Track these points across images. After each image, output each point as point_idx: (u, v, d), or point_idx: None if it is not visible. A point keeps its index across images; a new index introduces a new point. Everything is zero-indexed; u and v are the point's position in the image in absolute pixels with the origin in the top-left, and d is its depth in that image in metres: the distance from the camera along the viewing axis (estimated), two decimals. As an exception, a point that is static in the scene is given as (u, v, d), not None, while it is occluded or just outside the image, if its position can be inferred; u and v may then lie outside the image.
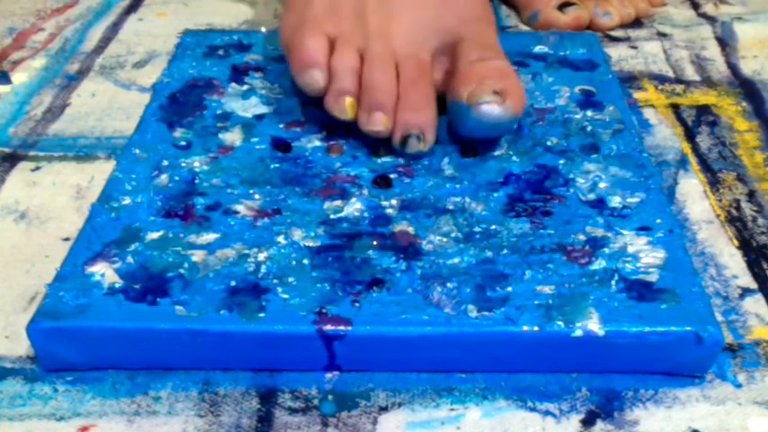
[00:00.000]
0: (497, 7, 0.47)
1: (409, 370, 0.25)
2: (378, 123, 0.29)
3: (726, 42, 0.43)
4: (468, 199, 0.29)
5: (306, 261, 0.26)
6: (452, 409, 0.24)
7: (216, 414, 0.24)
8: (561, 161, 0.31)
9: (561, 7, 0.43)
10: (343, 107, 0.29)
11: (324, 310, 0.24)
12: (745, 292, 0.28)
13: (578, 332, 0.24)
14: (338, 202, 0.29)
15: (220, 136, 0.33)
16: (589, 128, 0.33)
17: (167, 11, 0.46)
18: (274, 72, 0.37)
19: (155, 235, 0.27)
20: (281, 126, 0.33)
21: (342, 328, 0.24)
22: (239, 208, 0.29)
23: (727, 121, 0.37)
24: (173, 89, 0.36)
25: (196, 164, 0.31)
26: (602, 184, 0.30)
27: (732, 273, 0.29)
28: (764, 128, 0.36)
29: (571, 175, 0.30)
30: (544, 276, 0.26)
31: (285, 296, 0.25)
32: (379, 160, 0.31)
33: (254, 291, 0.25)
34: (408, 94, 0.29)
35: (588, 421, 0.24)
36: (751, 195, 0.32)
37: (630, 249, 0.27)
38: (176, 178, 0.30)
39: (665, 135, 0.36)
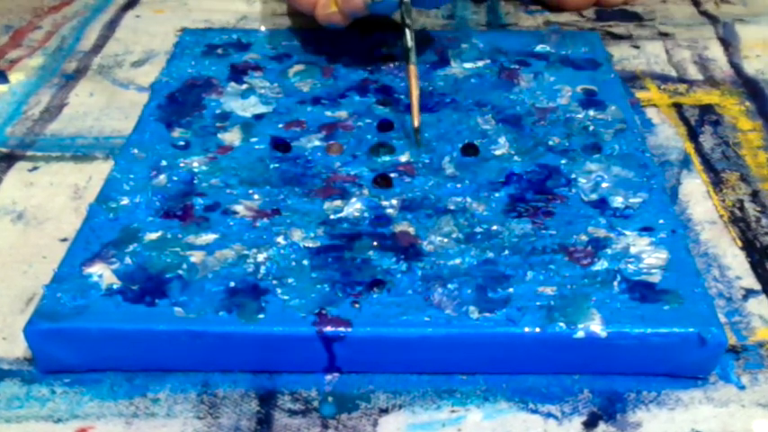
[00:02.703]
0: (497, 5, 0.47)
1: (410, 372, 0.25)
2: None
3: (728, 42, 0.43)
4: (469, 199, 0.29)
5: (305, 262, 0.26)
6: (453, 411, 0.24)
7: (215, 416, 0.24)
8: (563, 161, 0.31)
9: None
10: (328, 3, 0.34)
11: (324, 312, 0.24)
12: (749, 293, 0.28)
13: (580, 333, 0.24)
14: (338, 203, 0.29)
15: (219, 136, 0.32)
16: (591, 127, 0.33)
17: (165, 8, 0.46)
18: (274, 71, 0.37)
19: (153, 236, 0.27)
20: (281, 126, 0.33)
21: (342, 329, 0.24)
22: (238, 208, 0.28)
23: (730, 120, 0.37)
24: (171, 89, 0.35)
25: (195, 164, 0.31)
26: (604, 185, 0.30)
27: (735, 274, 0.28)
28: (768, 127, 0.36)
29: (573, 175, 0.30)
30: (546, 277, 0.25)
31: (285, 297, 0.25)
32: (379, 159, 0.31)
33: (253, 292, 0.25)
34: None
35: (590, 423, 0.24)
36: (754, 195, 0.32)
37: (633, 250, 0.26)
38: (175, 178, 0.30)
39: (667, 135, 0.36)
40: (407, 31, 0.33)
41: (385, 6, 0.33)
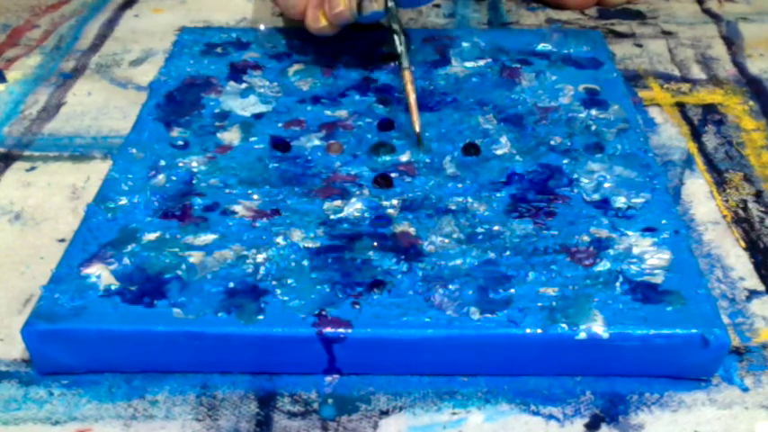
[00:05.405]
0: (498, 3, 0.46)
1: (410, 373, 0.25)
2: (339, 4, 0.33)
3: (732, 41, 0.43)
4: (470, 199, 0.29)
5: (305, 262, 0.26)
6: (454, 413, 0.24)
7: (214, 418, 0.24)
8: (565, 161, 0.31)
9: None
10: (317, 16, 0.34)
11: (323, 313, 0.24)
12: (752, 294, 0.28)
13: (582, 335, 0.24)
14: (338, 203, 0.29)
15: (218, 135, 0.32)
16: (593, 127, 0.33)
17: (164, 7, 0.46)
18: (273, 70, 0.37)
19: (152, 236, 0.27)
20: (280, 125, 0.33)
21: (342, 330, 0.24)
22: (237, 208, 0.28)
23: (733, 120, 0.36)
24: (170, 88, 0.35)
25: (194, 164, 0.31)
26: (606, 185, 0.29)
27: (739, 274, 0.28)
28: (771, 127, 0.36)
29: (575, 175, 0.30)
30: (547, 278, 0.25)
31: (284, 298, 0.24)
32: (379, 159, 0.31)
33: (252, 293, 0.25)
34: None
35: (592, 425, 0.23)
36: (758, 195, 0.32)
37: (635, 251, 0.26)
38: (173, 178, 0.30)
39: (670, 134, 0.35)
40: (396, 37, 0.33)
41: (372, 16, 0.33)
